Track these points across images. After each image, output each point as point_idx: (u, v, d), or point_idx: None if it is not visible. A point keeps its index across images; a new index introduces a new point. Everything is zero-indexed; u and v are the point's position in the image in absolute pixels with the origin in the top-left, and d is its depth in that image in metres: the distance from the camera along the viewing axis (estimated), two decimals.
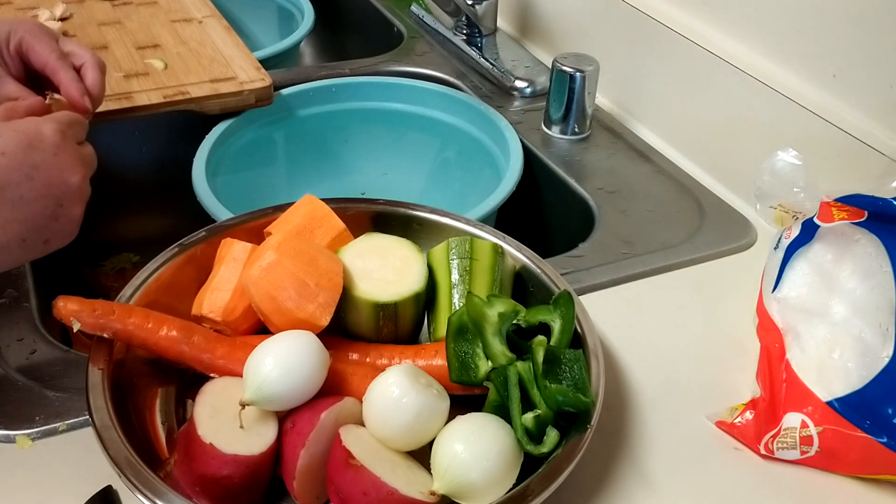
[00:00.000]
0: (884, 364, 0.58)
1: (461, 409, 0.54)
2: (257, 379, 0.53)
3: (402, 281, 0.60)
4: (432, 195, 1.04)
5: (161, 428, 0.57)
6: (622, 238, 0.82)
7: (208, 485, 0.52)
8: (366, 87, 1.02)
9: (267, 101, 0.94)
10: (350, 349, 0.60)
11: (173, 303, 0.61)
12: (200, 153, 0.87)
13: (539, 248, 0.69)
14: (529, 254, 0.66)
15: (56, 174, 0.58)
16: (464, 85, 1.08)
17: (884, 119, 0.74)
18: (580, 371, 0.55)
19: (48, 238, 0.58)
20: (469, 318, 0.57)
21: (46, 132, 0.58)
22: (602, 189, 0.89)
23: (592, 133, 0.98)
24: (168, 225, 1.04)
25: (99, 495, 0.50)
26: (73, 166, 0.59)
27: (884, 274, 0.60)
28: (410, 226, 0.69)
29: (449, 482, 0.50)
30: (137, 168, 1.03)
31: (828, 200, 0.65)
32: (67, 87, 0.68)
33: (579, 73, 0.94)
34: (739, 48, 0.86)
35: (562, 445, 0.52)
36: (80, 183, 0.59)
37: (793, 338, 0.63)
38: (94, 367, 0.55)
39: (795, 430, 0.59)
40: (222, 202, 0.80)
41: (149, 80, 0.92)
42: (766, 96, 0.82)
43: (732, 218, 0.85)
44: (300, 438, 0.52)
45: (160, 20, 1.05)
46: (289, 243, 0.59)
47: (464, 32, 1.14)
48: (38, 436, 0.58)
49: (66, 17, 1.04)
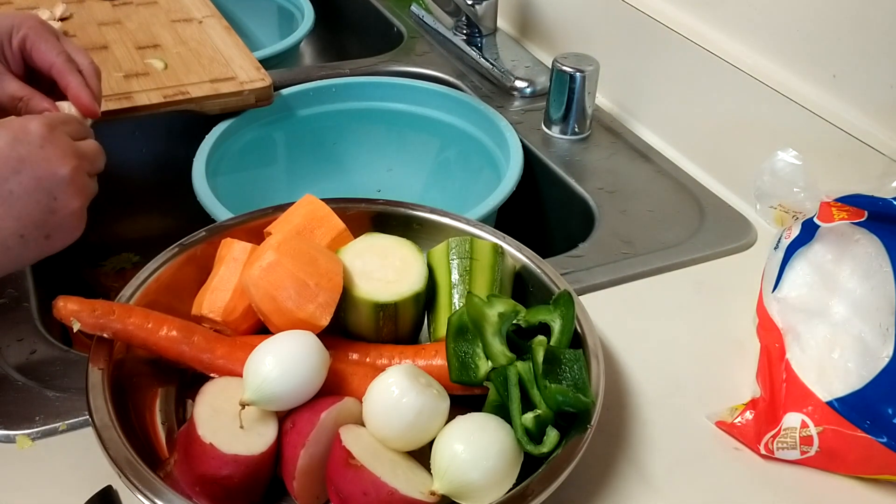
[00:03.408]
0: (884, 364, 0.58)
1: (461, 409, 0.54)
2: (257, 379, 0.53)
3: (402, 281, 0.60)
4: (432, 195, 1.04)
5: (161, 428, 0.57)
6: (622, 238, 0.82)
7: (208, 485, 0.52)
8: (366, 87, 1.02)
9: (267, 101, 0.94)
10: (350, 349, 0.60)
11: (173, 303, 0.61)
12: (200, 153, 0.87)
13: (539, 248, 0.69)
14: (529, 254, 0.66)
15: (44, 166, 0.57)
16: (464, 85, 1.08)
17: (884, 119, 0.74)
18: (580, 371, 0.55)
19: (48, 233, 0.58)
20: (469, 318, 0.57)
21: (32, 126, 0.58)
22: (602, 189, 0.89)
23: (592, 133, 0.98)
24: (168, 225, 1.04)
25: (99, 495, 0.50)
26: (62, 157, 0.58)
27: (884, 274, 0.60)
28: (410, 226, 0.69)
29: (449, 482, 0.50)
30: (137, 168, 1.03)
31: (828, 200, 0.65)
32: (77, 92, 0.67)
33: (579, 73, 0.94)
34: (739, 48, 0.86)
35: (562, 445, 0.52)
36: (72, 174, 0.58)
37: (793, 338, 0.63)
38: (94, 367, 0.55)
39: (795, 430, 0.59)
40: (222, 202, 0.80)
41: (149, 80, 0.92)
42: (766, 96, 0.82)
43: (732, 218, 0.85)
44: (300, 438, 0.52)
45: (160, 20, 1.05)
46: (289, 243, 0.59)
47: (464, 32, 1.14)
48: (38, 436, 0.58)
49: (66, 17, 1.04)
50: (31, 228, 0.56)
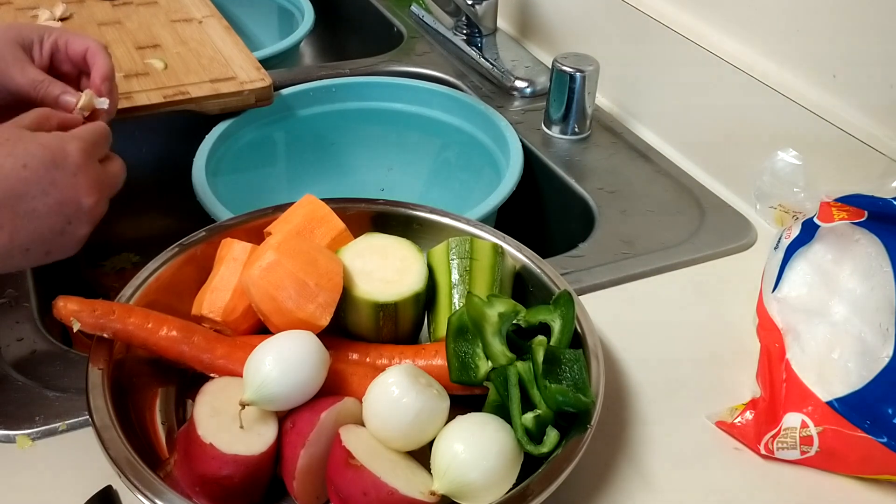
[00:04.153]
0: (884, 364, 0.58)
1: (461, 409, 0.54)
2: (257, 379, 0.53)
3: (402, 281, 0.60)
4: (432, 195, 1.04)
5: (161, 428, 0.57)
6: (622, 238, 0.82)
7: (208, 485, 0.52)
8: (366, 87, 1.02)
9: (267, 101, 0.94)
10: (350, 349, 0.60)
11: (173, 303, 0.61)
12: (200, 153, 0.87)
13: (539, 248, 0.69)
14: (529, 254, 0.66)
15: (72, 194, 0.58)
16: (464, 85, 1.08)
17: (884, 119, 0.74)
18: (580, 371, 0.55)
19: (49, 250, 0.59)
20: (469, 318, 0.57)
21: (71, 151, 0.59)
22: (602, 189, 0.89)
23: (592, 133, 0.98)
24: (168, 225, 1.04)
25: (99, 495, 0.50)
26: (89, 188, 0.59)
27: (884, 274, 0.60)
28: (410, 226, 0.69)
29: (449, 482, 0.50)
30: (137, 168, 1.02)
31: (828, 200, 0.65)
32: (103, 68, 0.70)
33: (579, 73, 0.94)
34: (739, 48, 0.86)
35: (562, 445, 0.52)
36: (93, 206, 0.60)
37: (793, 338, 0.63)
38: (94, 367, 0.55)
39: (795, 430, 0.59)
40: (222, 202, 0.80)
41: (149, 80, 0.92)
42: (766, 96, 0.82)
43: (732, 218, 0.85)
44: (300, 438, 0.52)
45: (160, 20, 1.05)
46: (289, 243, 0.59)
47: (464, 32, 1.14)
48: (38, 436, 0.58)
49: (66, 17, 1.04)
50: (37, 244, 0.58)
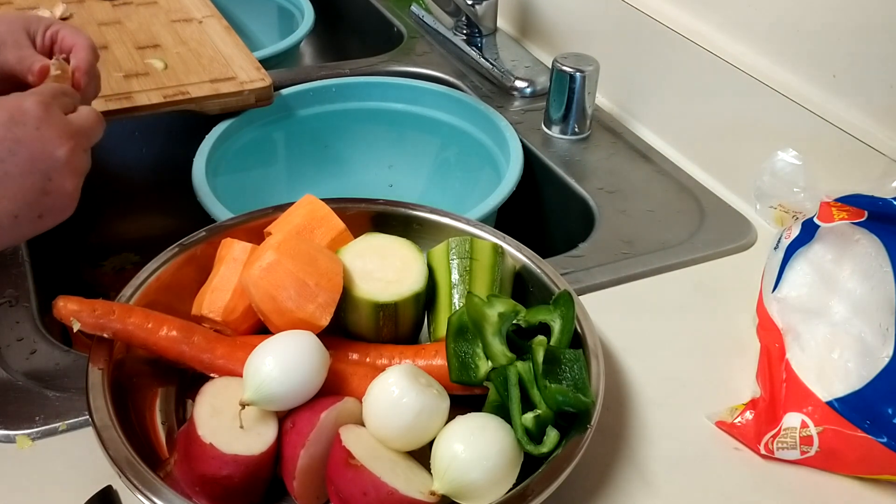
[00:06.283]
0: (884, 364, 0.58)
1: (461, 409, 0.54)
2: (257, 379, 0.53)
3: (402, 281, 0.60)
4: (432, 195, 1.04)
5: (161, 428, 0.57)
6: (622, 238, 0.82)
7: (208, 485, 0.52)
8: (366, 87, 1.02)
9: (267, 101, 0.94)
10: (350, 349, 0.60)
11: (173, 303, 0.61)
12: (200, 153, 0.87)
13: (539, 248, 0.69)
14: (529, 254, 0.66)
15: (39, 148, 0.57)
16: (464, 85, 1.08)
17: (884, 119, 0.74)
18: (580, 371, 0.55)
19: (41, 213, 0.57)
20: (469, 318, 0.57)
21: (28, 106, 0.58)
22: (602, 189, 0.89)
23: (592, 133, 0.98)
24: (168, 225, 1.04)
25: (99, 495, 0.50)
26: (57, 139, 0.58)
27: (884, 274, 0.60)
28: (410, 226, 0.69)
29: (449, 482, 0.50)
30: (137, 168, 1.03)
31: (828, 200, 0.65)
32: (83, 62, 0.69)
33: (579, 73, 0.94)
34: (740, 48, 0.86)
35: (562, 445, 0.52)
36: (68, 155, 0.58)
37: (793, 338, 0.63)
38: (94, 367, 0.55)
39: (795, 430, 0.59)
40: (222, 202, 0.80)
41: (149, 80, 0.92)
42: (766, 96, 0.82)
43: (732, 218, 0.85)
44: (300, 438, 0.52)
45: (160, 20, 1.05)
46: (289, 243, 0.59)
47: (464, 32, 1.14)
48: (38, 436, 0.58)
49: (66, 17, 1.04)
50: (24, 209, 0.56)
